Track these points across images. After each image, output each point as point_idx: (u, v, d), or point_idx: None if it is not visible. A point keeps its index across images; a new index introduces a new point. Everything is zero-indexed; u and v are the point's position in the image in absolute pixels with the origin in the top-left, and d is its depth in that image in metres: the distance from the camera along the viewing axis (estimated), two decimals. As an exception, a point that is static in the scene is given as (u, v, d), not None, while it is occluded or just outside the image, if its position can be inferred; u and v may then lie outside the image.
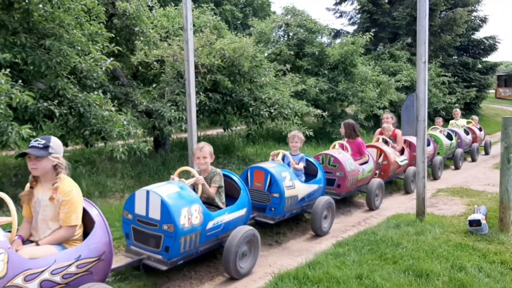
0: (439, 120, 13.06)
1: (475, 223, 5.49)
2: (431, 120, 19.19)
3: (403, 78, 18.61)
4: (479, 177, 10.32)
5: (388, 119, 9.25)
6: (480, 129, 15.09)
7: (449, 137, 12.09)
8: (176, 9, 11.82)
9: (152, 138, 10.28)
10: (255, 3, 33.57)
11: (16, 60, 6.17)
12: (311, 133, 10.36)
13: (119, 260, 4.52)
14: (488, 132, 22.19)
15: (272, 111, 10.01)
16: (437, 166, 10.28)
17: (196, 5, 15.07)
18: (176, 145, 11.44)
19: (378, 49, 22.54)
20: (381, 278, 4.17)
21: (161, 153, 9.86)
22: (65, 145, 7.96)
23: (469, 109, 27.43)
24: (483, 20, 27.98)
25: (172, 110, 8.37)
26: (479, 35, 28.55)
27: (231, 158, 10.53)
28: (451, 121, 14.62)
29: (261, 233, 5.67)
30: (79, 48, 6.88)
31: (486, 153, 14.93)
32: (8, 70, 5.40)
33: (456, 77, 24.55)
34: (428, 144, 9.74)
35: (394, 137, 9.04)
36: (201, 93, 9.07)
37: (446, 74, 21.74)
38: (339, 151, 7.52)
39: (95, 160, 8.93)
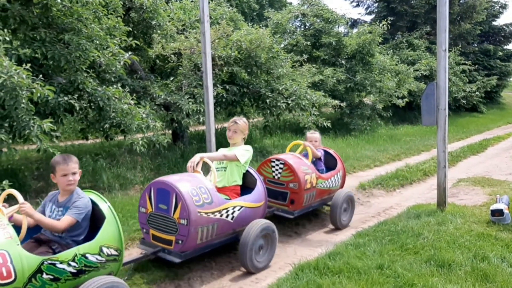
0: None
1: (498, 212, 5.41)
2: (451, 110, 18.94)
3: (422, 67, 18.39)
4: (500, 166, 10.17)
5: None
6: (324, 164, 6.23)
7: None
8: (192, 1, 11.81)
9: (170, 131, 10.34)
10: (271, -6, 33.36)
11: (36, 55, 6.23)
12: (329, 124, 10.31)
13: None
14: (510, 121, 21.67)
15: (289, 102, 9.96)
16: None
17: (212, -3, 15.03)
18: (194, 137, 11.49)
19: (396, 38, 22.26)
20: (402, 268, 4.15)
21: (179, 145, 9.92)
22: (85, 138, 8.06)
23: (489, 97, 27.02)
24: (503, 7, 27.45)
25: (190, 103, 8.39)
26: (499, 22, 28.09)
27: (249, 150, 10.53)
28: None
29: (280, 224, 5.70)
30: (97, 42, 6.92)
31: (335, 225, 5.96)
32: (29, 65, 5.47)
33: (476, 65, 24.12)
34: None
35: None
36: (218, 85, 9.08)
37: (466, 62, 21.39)
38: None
39: (115, 153, 9.02)
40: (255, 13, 30.11)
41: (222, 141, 10.77)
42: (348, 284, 3.91)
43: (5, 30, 5.60)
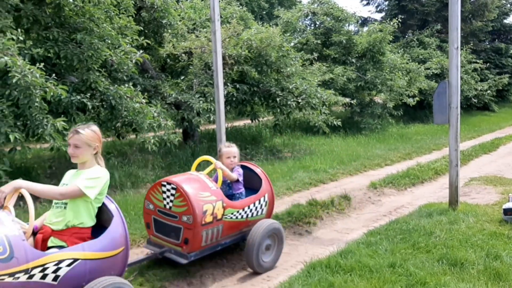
0: None
1: (510, 211, 5.37)
2: (462, 109, 18.82)
3: (433, 66, 18.27)
4: (513, 165, 10.08)
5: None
6: (247, 185, 4.85)
7: None
8: (202, 0, 11.86)
9: (181, 130, 10.40)
10: (281, -8, 33.31)
11: (49, 55, 6.31)
12: (339, 123, 10.29)
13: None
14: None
15: (299, 101, 9.97)
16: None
17: (222, -4, 15.07)
18: (205, 136, 11.53)
19: (406, 36, 22.13)
20: (415, 267, 4.14)
21: (190, 144, 9.96)
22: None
23: (501, 96, 26.78)
24: (515, 4, 27.21)
25: (201, 102, 8.44)
26: (510, 20, 27.90)
27: (259, 149, 10.55)
28: None
29: (290, 222, 5.70)
30: (109, 41, 6.99)
31: (252, 268, 4.51)
32: (42, 64, 5.53)
33: (488, 64, 23.90)
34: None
35: None
36: (228, 84, 9.11)
37: (478, 60, 21.22)
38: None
39: (127, 152, 9.09)
40: (265, 12, 30.11)
41: (232, 140, 10.82)
42: (360, 282, 3.91)
43: (19, 30, 5.67)
